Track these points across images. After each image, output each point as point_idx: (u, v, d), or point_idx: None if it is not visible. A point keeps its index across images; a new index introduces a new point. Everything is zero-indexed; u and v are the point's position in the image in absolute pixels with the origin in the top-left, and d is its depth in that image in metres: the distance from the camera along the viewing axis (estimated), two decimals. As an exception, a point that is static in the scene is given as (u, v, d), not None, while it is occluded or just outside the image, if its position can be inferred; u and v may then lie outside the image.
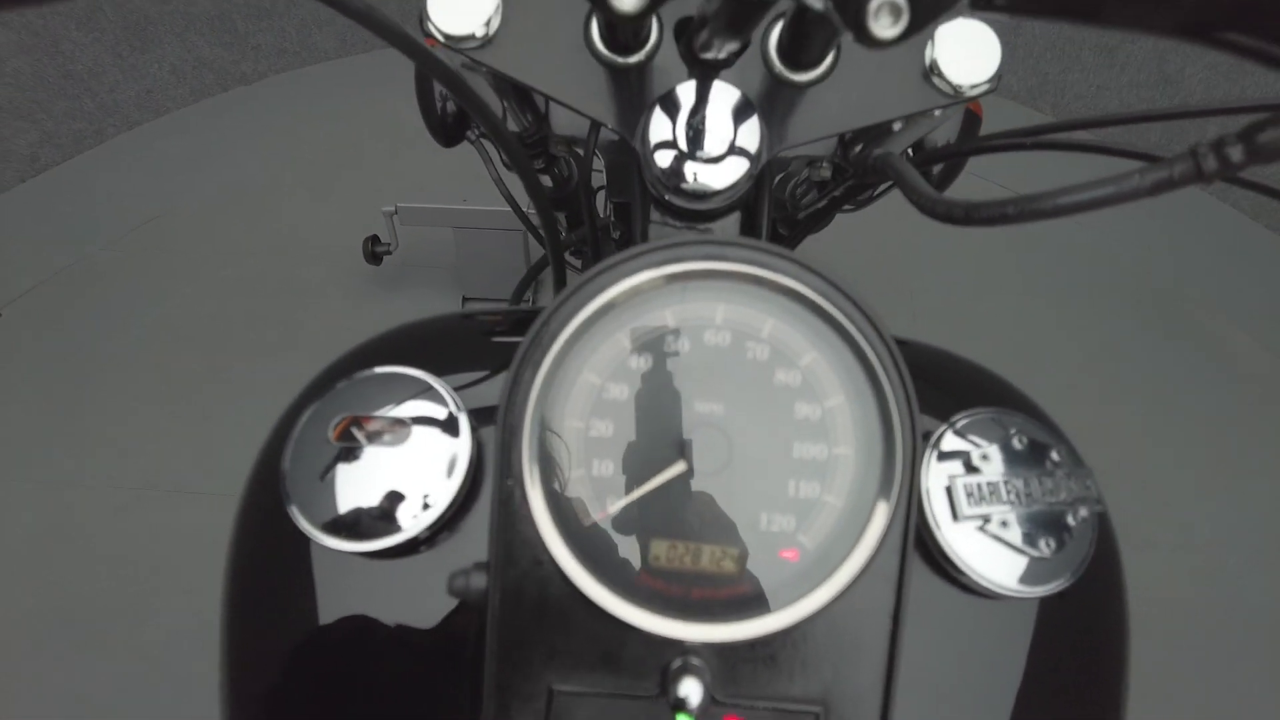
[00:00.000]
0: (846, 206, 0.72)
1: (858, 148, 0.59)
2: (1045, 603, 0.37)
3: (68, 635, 1.29)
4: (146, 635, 1.29)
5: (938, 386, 0.42)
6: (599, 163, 0.66)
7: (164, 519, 1.40)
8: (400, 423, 0.37)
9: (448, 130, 0.71)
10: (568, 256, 1.13)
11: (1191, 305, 1.72)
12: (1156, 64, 1.97)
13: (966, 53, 0.46)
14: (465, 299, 1.60)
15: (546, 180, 0.87)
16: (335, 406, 0.38)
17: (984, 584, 0.34)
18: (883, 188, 0.72)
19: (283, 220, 1.77)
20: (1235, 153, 0.32)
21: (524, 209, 0.85)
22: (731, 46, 0.39)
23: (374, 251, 1.57)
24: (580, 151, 0.70)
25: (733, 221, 0.49)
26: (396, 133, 1.81)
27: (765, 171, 0.49)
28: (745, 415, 0.30)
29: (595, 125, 0.53)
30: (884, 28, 0.26)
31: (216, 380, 1.55)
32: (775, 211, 0.79)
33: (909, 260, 1.68)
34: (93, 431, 1.50)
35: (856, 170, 0.56)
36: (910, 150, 0.61)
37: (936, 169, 0.67)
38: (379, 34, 0.34)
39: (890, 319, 0.32)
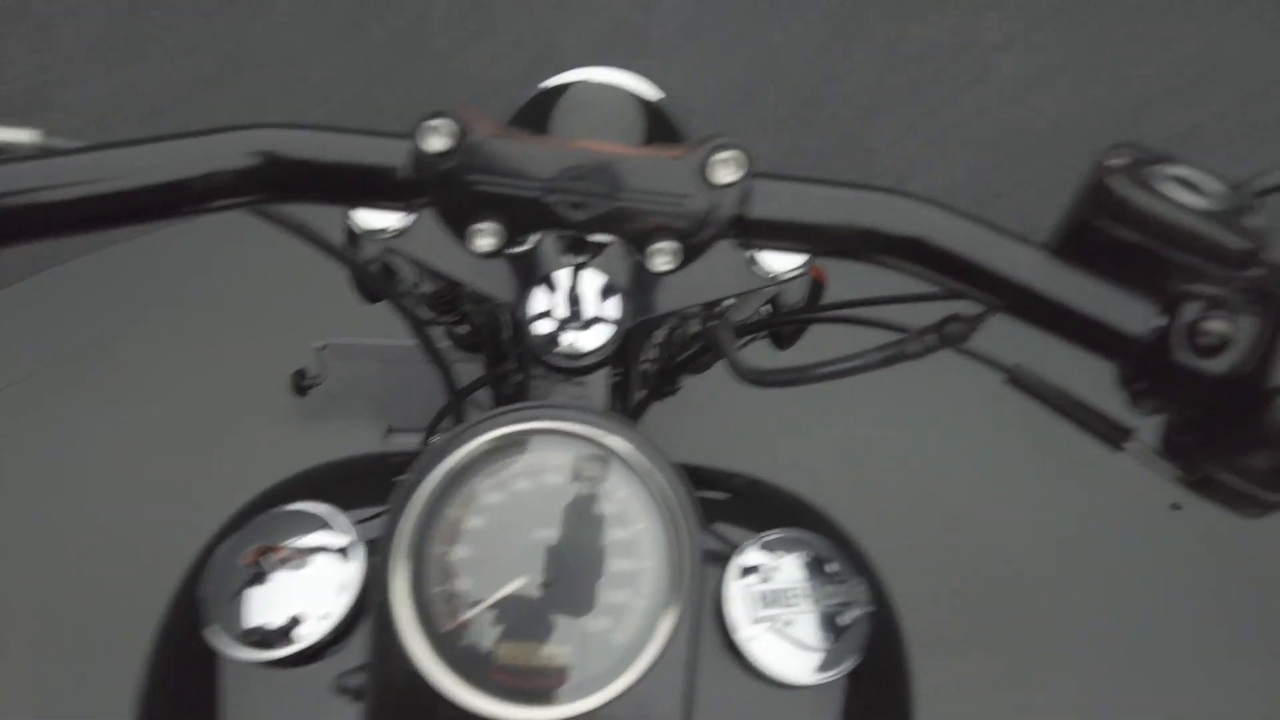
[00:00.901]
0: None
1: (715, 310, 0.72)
2: (836, 689, 0.46)
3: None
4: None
5: (753, 510, 0.52)
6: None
7: (78, 646, 1.38)
8: (303, 551, 0.45)
9: (371, 290, 0.82)
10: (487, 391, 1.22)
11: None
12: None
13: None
14: (390, 429, 1.67)
15: (464, 329, 0.98)
16: (249, 538, 0.46)
17: (774, 676, 0.43)
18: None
19: (211, 356, 1.83)
20: (931, 339, 0.44)
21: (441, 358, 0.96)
22: (593, 253, 0.51)
23: (301, 385, 1.64)
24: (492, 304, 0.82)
25: (602, 376, 0.60)
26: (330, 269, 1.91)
27: (633, 334, 0.60)
28: (573, 538, 0.39)
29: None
30: (660, 266, 0.38)
31: (133, 520, 1.56)
32: (658, 357, 0.90)
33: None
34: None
35: (705, 334, 0.68)
36: (759, 311, 0.74)
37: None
38: (298, 236, 0.44)
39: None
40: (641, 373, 0.84)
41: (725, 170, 0.36)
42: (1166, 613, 1.68)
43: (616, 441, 0.40)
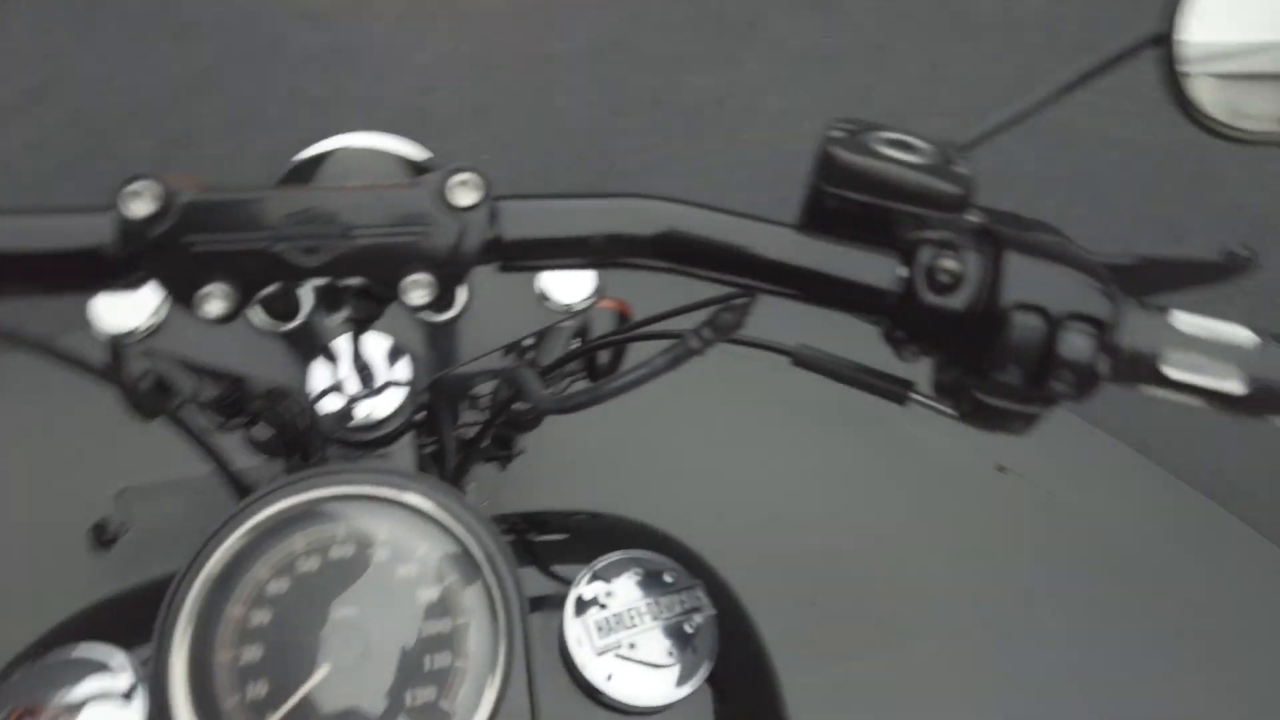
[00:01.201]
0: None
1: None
2: (701, 700, 0.45)
3: None
4: None
5: (593, 544, 0.50)
6: None
7: None
8: (72, 708, 0.39)
9: (146, 405, 0.74)
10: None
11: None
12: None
13: (568, 277, 0.58)
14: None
15: (262, 430, 0.90)
16: (3, 701, 0.39)
17: (632, 704, 0.41)
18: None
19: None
20: (707, 333, 0.44)
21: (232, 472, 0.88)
22: (371, 319, 0.48)
23: (103, 539, 1.47)
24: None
25: (406, 444, 0.57)
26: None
27: (437, 395, 0.58)
28: (376, 610, 0.36)
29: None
30: (417, 300, 0.36)
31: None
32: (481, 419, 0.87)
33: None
34: None
35: (510, 382, 0.67)
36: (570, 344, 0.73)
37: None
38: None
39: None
40: (461, 437, 0.81)
41: (465, 193, 0.35)
42: (1012, 577, 1.80)
43: (406, 495, 0.37)
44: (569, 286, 0.60)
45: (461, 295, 0.57)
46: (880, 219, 0.36)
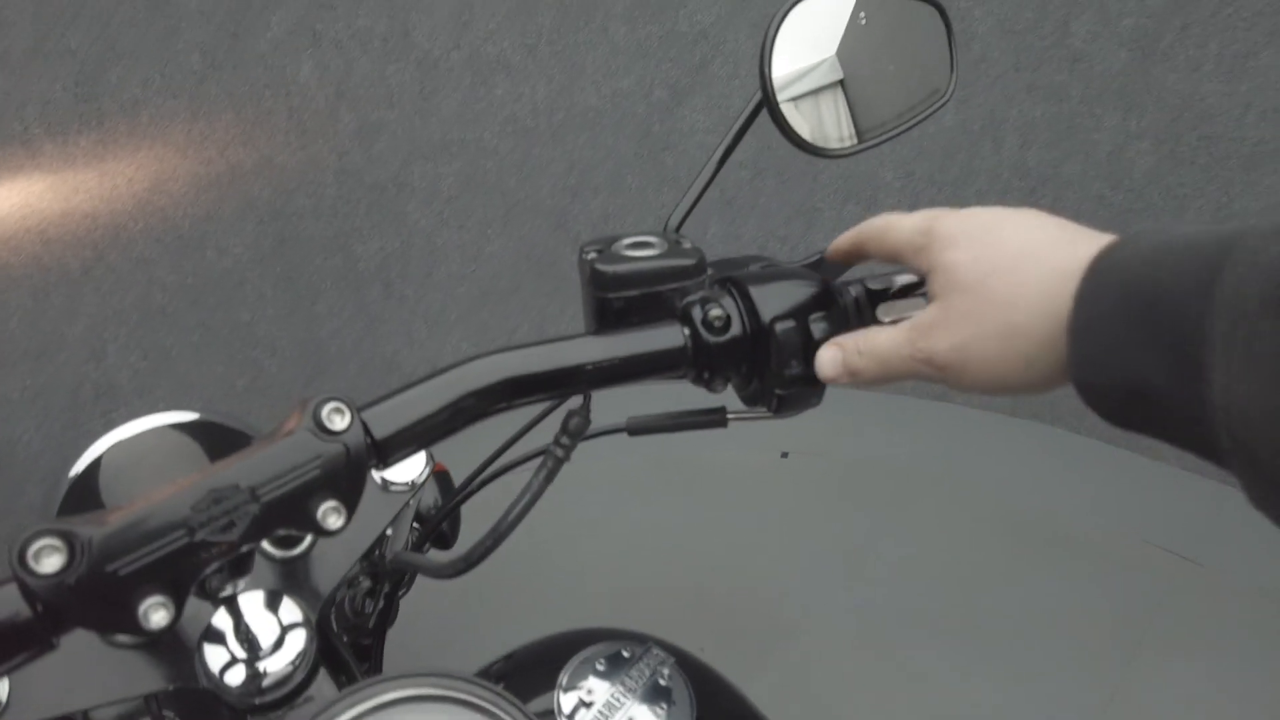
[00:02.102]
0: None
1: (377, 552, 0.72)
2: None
3: None
4: None
5: (551, 667, 0.54)
6: None
7: None
8: None
9: None
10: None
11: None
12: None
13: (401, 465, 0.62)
14: None
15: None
16: None
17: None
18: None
19: None
20: (566, 440, 0.51)
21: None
22: (240, 581, 0.49)
23: None
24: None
25: (325, 676, 0.56)
26: None
27: (325, 623, 0.58)
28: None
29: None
30: (335, 524, 0.40)
31: None
32: (350, 635, 0.85)
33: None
34: None
35: (390, 573, 0.68)
36: (413, 528, 0.75)
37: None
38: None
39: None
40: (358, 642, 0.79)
41: (338, 418, 0.39)
42: (829, 550, 2.02)
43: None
44: (404, 468, 0.64)
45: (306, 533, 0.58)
46: (653, 301, 0.46)
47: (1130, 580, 1.82)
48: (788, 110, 0.51)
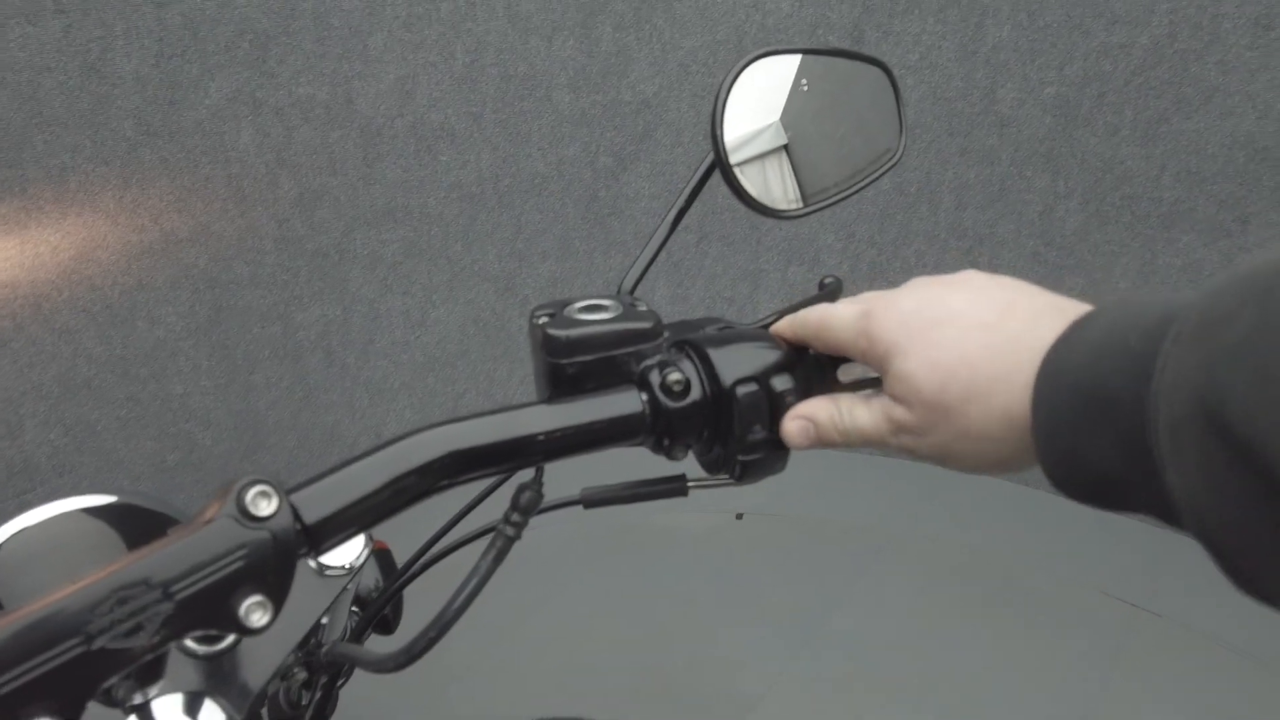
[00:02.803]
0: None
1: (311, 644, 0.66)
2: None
3: None
4: None
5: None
6: None
7: None
8: None
9: None
10: None
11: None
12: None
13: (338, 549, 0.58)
14: None
15: None
16: None
17: None
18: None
19: None
20: (517, 517, 0.48)
21: None
22: (153, 687, 0.44)
23: None
24: None
25: None
26: None
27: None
28: None
29: None
30: (259, 621, 0.36)
31: None
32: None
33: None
34: None
35: (326, 665, 0.63)
36: (352, 612, 0.71)
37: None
38: None
39: None
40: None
41: (264, 502, 0.36)
42: (785, 602, 1.98)
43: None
44: (341, 552, 0.60)
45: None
46: (609, 366, 0.44)
47: (1091, 633, 1.82)
48: (739, 172, 0.51)
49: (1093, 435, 0.29)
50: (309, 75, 1.92)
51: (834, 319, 0.42)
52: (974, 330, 0.35)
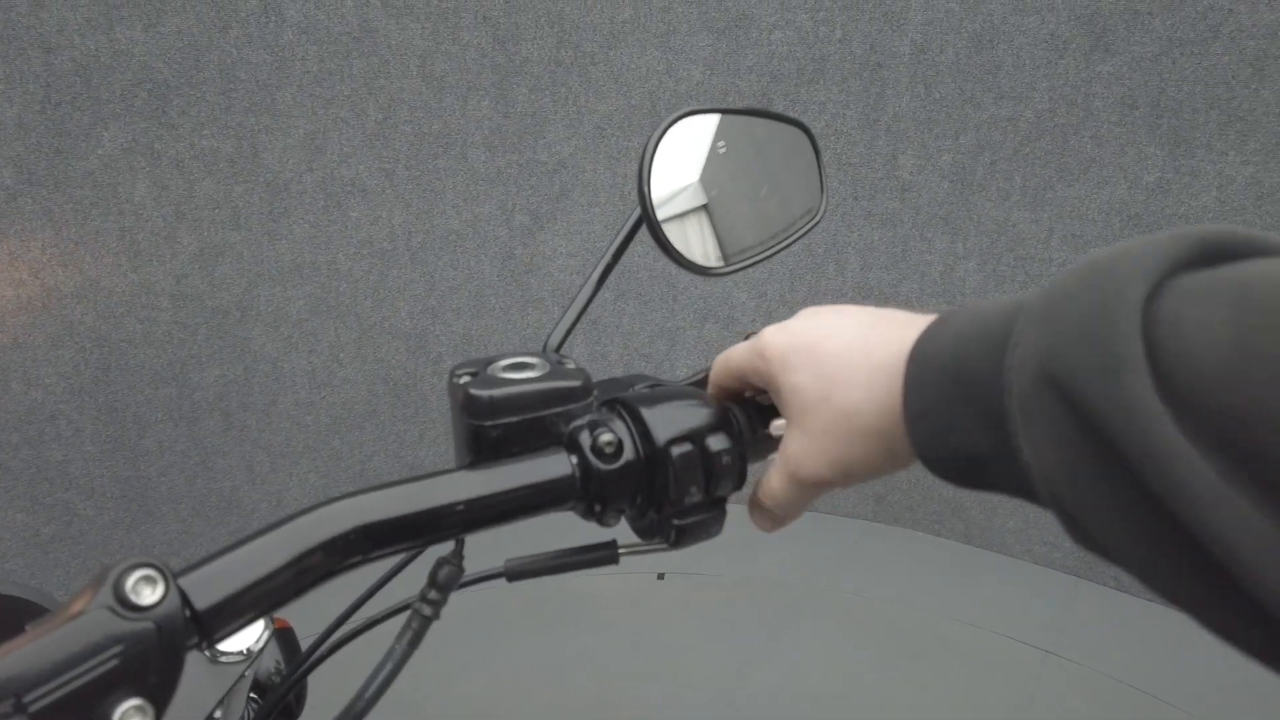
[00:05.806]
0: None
1: None
2: None
3: None
4: None
5: None
6: None
7: None
8: None
9: None
10: None
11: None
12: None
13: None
14: None
15: None
16: None
17: None
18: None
19: None
20: (433, 594, 0.44)
21: None
22: None
23: None
24: None
25: None
26: None
27: None
28: None
29: None
30: None
31: None
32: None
33: None
34: None
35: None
36: (250, 698, 0.64)
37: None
38: None
39: None
40: None
41: (148, 589, 0.31)
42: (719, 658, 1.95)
43: None
44: (241, 637, 0.55)
45: None
46: (535, 428, 0.42)
47: (1007, 679, 1.85)
48: (666, 229, 0.50)
49: (958, 414, 0.31)
50: (213, 128, 1.86)
51: (734, 351, 0.44)
52: (852, 339, 0.38)
